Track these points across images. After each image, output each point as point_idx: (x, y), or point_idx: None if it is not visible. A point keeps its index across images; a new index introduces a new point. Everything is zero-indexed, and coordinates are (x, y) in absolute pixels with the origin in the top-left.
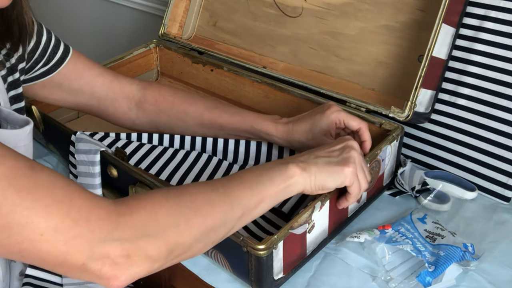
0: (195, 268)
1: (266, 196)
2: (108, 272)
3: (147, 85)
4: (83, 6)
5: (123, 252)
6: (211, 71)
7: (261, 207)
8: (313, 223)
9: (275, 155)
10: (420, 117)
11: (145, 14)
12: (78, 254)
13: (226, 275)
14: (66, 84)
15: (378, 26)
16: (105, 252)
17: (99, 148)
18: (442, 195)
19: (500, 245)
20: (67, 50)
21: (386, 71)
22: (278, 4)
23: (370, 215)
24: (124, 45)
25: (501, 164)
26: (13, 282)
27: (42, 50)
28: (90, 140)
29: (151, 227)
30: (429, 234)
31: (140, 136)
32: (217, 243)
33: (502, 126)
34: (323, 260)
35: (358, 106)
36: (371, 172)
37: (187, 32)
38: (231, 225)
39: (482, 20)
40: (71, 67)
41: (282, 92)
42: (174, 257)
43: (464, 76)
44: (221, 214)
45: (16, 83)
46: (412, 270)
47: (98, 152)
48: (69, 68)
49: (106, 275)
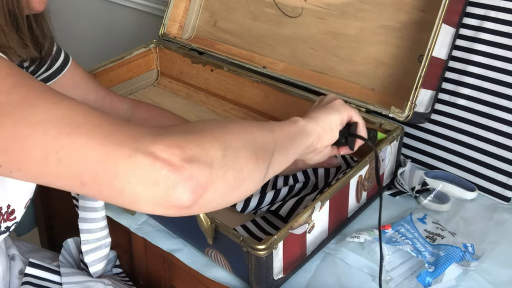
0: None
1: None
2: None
3: (137, 104)
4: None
5: (173, 142)
6: (211, 71)
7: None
8: (313, 223)
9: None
10: (420, 117)
11: (145, 14)
12: (121, 146)
13: (225, 273)
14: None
15: (378, 26)
16: (153, 141)
17: None
18: (442, 195)
19: (500, 245)
20: (67, 58)
21: (386, 71)
22: (278, 4)
23: (370, 215)
24: (124, 45)
25: (501, 164)
26: (13, 280)
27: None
28: None
29: (193, 128)
30: (429, 234)
31: None
32: (267, 161)
33: (502, 126)
34: (323, 260)
35: (358, 106)
36: (371, 172)
37: (187, 32)
38: (271, 143)
39: (482, 20)
40: (69, 76)
41: (282, 92)
42: (229, 162)
43: (464, 76)
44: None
45: None
46: (412, 270)
47: None
48: (68, 77)
49: (167, 165)
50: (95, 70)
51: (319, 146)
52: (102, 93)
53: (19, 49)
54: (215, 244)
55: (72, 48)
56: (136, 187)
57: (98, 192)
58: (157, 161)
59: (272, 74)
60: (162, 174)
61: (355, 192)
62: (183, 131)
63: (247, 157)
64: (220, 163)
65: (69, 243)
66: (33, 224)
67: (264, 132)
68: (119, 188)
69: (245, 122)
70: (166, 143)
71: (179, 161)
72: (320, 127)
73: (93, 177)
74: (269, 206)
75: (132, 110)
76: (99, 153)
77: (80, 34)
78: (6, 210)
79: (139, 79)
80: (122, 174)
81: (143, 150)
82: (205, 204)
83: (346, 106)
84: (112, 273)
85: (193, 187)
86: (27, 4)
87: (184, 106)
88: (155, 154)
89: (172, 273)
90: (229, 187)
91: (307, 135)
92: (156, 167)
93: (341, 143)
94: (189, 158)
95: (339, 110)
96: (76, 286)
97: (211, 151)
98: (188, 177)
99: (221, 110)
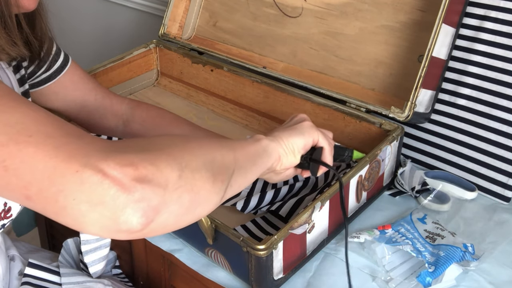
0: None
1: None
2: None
3: (137, 105)
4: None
5: (125, 160)
6: (211, 71)
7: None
8: (313, 223)
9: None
10: (420, 117)
11: (145, 14)
12: (70, 159)
13: (225, 273)
14: (62, 93)
15: (378, 26)
16: (105, 158)
17: None
18: (442, 195)
19: (500, 245)
20: (66, 59)
21: (386, 71)
22: (278, 4)
23: (370, 215)
24: (124, 45)
25: (501, 164)
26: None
27: (44, 55)
28: None
29: (150, 145)
30: (429, 234)
31: None
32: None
33: (502, 126)
34: (323, 260)
35: (358, 106)
36: (371, 172)
37: (187, 32)
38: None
39: (482, 20)
40: (69, 76)
41: (282, 92)
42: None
43: (464, 76)
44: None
45: (22, 80)
46: (412, 270)
47: None
48: (67, 77)
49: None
50: (95, 70)
51: (278, 168)
52: (102, 93)
53: (7, 47)
54: (215, 244)
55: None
56: (81, 206)
57: (42, 207)
58: (106, 179)
59: (272, 74)
60: (110, 193)
61: (355, 192)
62: (139, 148)
63: (205, 179)
64: (175, 184)
65: (69, 243)
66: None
67: (224, 151)
68: (63, 205)
69: (206, 140)
70: (118, 160)
71: (130, 181)
72: (281, 149)
73: (39, 191)
74: (269, 205)
75: (131, 110)
76: (46, 166)
77: (80, 34)
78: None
79: (139, 79)
80: (68, 190)
81: (92, 166)
82: (158, 227)
83: (313, 130)
84: (111, 273)
85: (143, 209)
86: (16, 2)
87: (184, 106)
88: (104, 171)
89: (172, 273)
90: (184, 209)
91: (268, 155)
92: (104, 185)
93: (304, 167)
94: (141, 178)
95: (304, 133)
96: (75, 286)
97: (166, 171)
98: (139, 199)
99: (221, 110)
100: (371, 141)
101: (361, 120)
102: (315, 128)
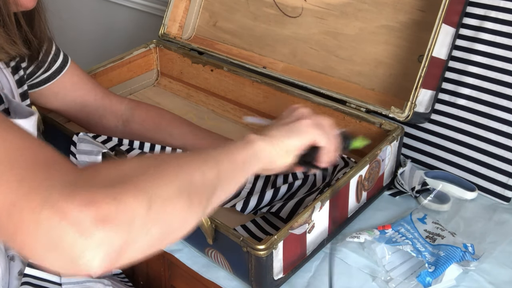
0: (194, 266)
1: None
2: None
3: (136, 105)
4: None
5: (88, 198)
6: (211, 71)
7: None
8: (313, 223)
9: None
10: (420, 117)
11: (145, 14)
12: (30, 195)
13: (225, 273)
14: (61, 94)
15: (378, 26)
16: (68, 195)
17: (101, 150)
18: (442, 195)
19: (500, 245)
20: (65, 59)
21: (386, 71)
22: (278, 4)
23: (370, 215)
24: (124, 45)
25: (501, 164)
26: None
27: (44, 55)
28: (93, 142)
29: (118, 175)
30: (429, 234)
31: (143, 144)
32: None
33: (502, 126)
34: (323, 260)
35: (358, 106)
36: (371, 172)
37: (187, 32)
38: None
39: (482, 20)
40: (68, 77)
41: (282, 92)
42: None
43: (464, 76)
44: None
45: (21, 81)
46: (412, 270)
47: (100, 154)
48: (67, 77)
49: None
50: (95, 70)
51: (270, 167)
52: (101, 93)
53: (6, 46)
54: (215, 244)
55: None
56: (38, 247)
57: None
58: (64, 221)
59: (272, 74)
60: (67, 238)
61: (355, 192)
62: (107, 179)
63: (178, 207)
64: (143, 219)
65: None
66: None
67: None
68: (21, 245)
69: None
70: (80, 199)
71: (89, 223)
72: (275, 150)
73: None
74: (269, 205)
75: (131, 111)
76: (5, 200)
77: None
78: None
79: (139, 79)
80: (24, 229)
81: (52, 204)
82: (124, 263)
83: (311, 129)
84: (111, 273)
85: (104, 252)
86: (14, 1)
87: (184, 106)
88: (64, 212)
89: (172, 273)
90: (154, 241)
91: (258, 159)
92: (61, 227)
93: (300, 164)
94: (103, 218)
95: (302, 134)
96: (75, 286)
97: (132, 206)
98: (99, 243)
99: (221, 110)
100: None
101: (361, 120)
102: (314, 126)
